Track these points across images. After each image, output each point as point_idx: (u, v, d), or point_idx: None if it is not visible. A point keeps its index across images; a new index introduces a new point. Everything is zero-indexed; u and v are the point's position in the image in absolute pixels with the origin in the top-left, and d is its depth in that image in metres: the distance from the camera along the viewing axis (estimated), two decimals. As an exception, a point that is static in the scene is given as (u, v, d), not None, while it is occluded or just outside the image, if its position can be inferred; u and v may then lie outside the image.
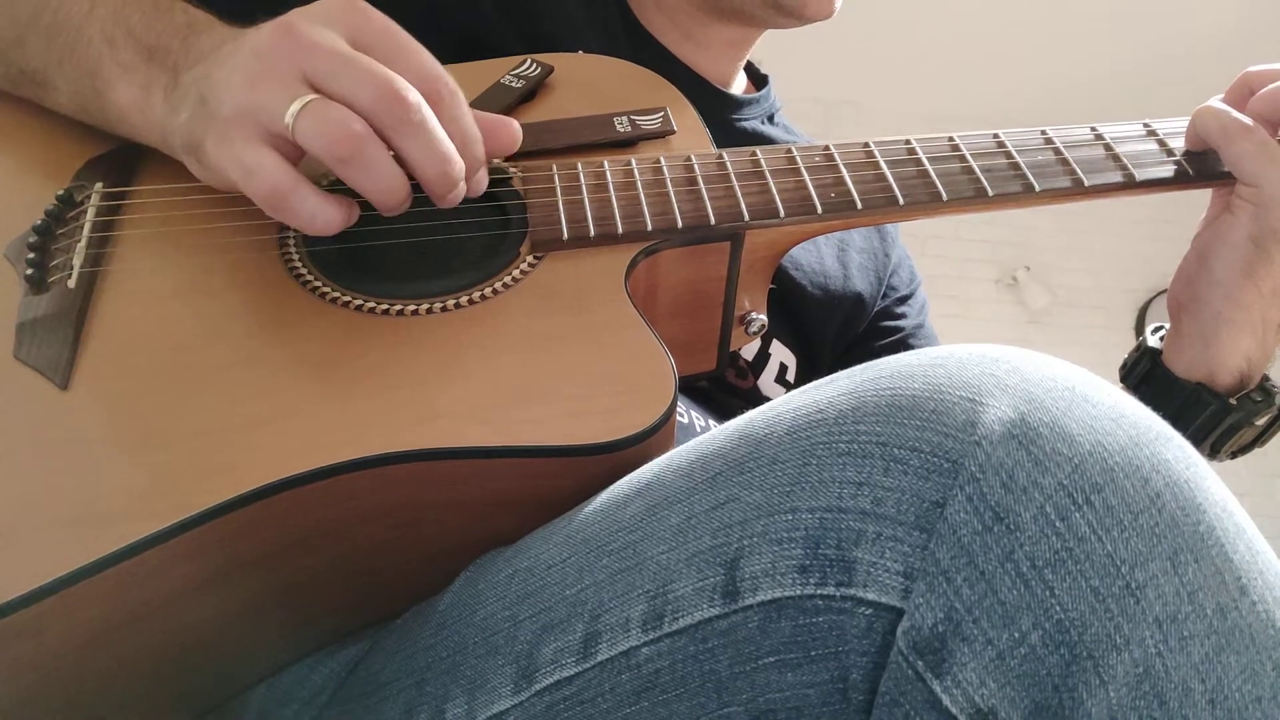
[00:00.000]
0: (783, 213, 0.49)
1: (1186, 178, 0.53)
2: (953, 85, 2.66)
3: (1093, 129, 0.54)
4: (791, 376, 0.67)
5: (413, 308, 0.44)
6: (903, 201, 0.50)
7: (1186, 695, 0.26)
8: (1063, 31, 2.39)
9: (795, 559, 0.30)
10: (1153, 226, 2.78)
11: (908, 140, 0.53)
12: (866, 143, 0.52)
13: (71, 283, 0.43)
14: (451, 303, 0.44)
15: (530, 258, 0.46)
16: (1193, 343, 0.53)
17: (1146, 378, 0.56)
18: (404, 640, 0.41)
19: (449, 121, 0.41)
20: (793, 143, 0.59)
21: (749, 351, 0.65)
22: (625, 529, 0.35)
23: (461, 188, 0.42)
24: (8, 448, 0.37)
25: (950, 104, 2.68)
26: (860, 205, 0.49)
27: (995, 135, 0.53)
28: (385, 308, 0.43)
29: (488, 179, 0.44)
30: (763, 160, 0.51)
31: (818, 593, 0.29)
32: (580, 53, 0.59)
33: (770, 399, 0.42)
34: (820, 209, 0.49)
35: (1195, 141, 0.53)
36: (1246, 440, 0.54)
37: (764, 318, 0.55)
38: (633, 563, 0.34)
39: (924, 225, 2.67)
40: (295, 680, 0.45)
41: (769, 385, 0.66)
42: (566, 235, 0.47)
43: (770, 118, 0.73)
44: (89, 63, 0.46)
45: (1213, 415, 0.53)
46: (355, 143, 0.38)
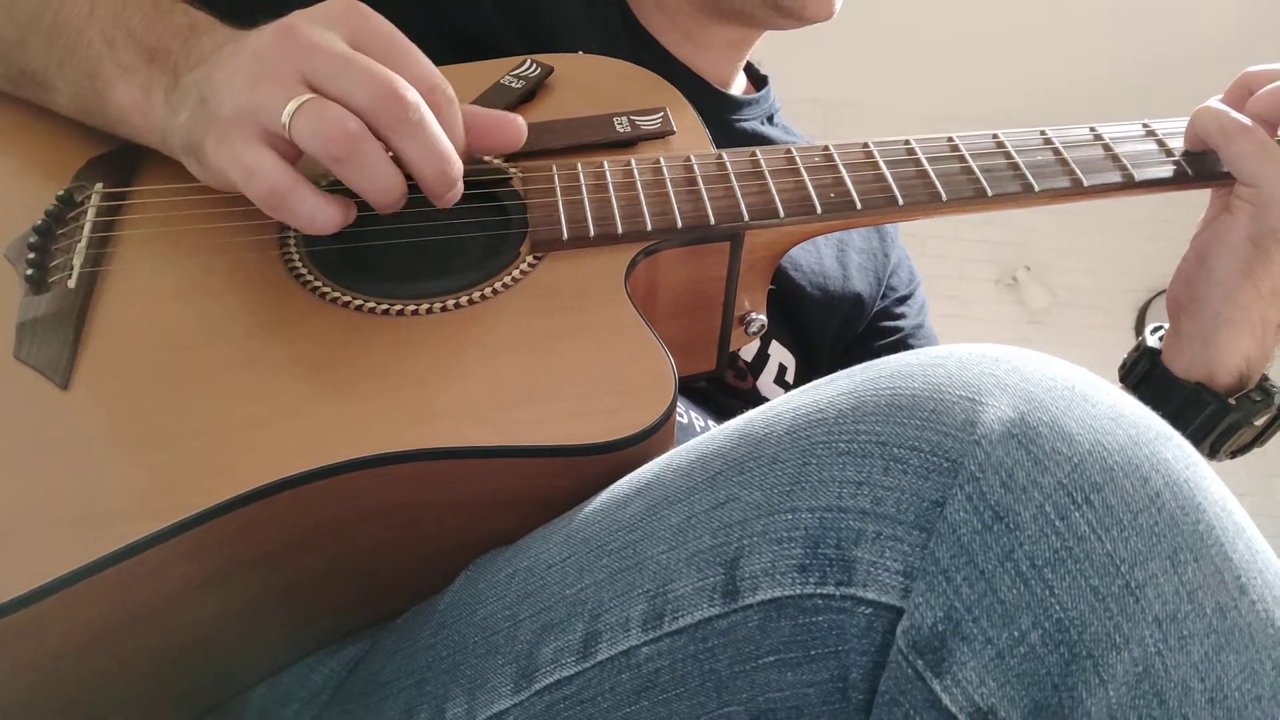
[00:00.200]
0: (782, 213, 0.49)
1: (1185, 178, 0.53)
2: (952, 85, 2.66)
3: (1092, 129, 0.54)
4: (791, 377, 0.67)
5: (413, 308, 0.44)
6: (902, 202, 0.50)
7: (1186, 694, 0.26)
8: (1063, 31, 2.39)
9: (795, 558, 0.30)
10: (1152, 226, 2.79)
11: (907, 140, 0.53)
12: (866, 143, 0.52)
13: (71, 283, 0.43)
14: (451, 303, 0.44)
15: (530, 258, 0.46)
16: (1192, 343, 0.53)
17: (1146, 377, 0.56)
18: (404, 640, 0.41)
19: (445, 128, 0.41)
20: (792, 143, 0.59)
21: (748, 352, 0.65)
22: (625, 529, 0.35)
23: (459, 187, 0.42)
24: (8, 448, 0.37)
25: (950, 104, 2.68)
26: (860, 205, 0.49)
27: (994, 135, 0.53)
28: (385, 308, 0.44)
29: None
30: (762, 160, 0.51)
31: (817, 592, 0.29)
32: (580, 53, 0.59)
33: (769, 400, 0.42)
34: (820, 209, 0.49)
35: (1194, 142, 0.53)
36: (1245, 440, 0.54)
37: (764, 318, 0.55)
38: (633, 562, 0.34)
39: (924, 225, 2.67)
40: (295, 680, 0.45)
41: (768, 386, 0.66)
42: (566, 235, 0.47)
43: (770, 118, 0.73)
44: (89, 64, 0.46)
45: (1212, 415, 0.53)
46: (351, 142, 0.38)
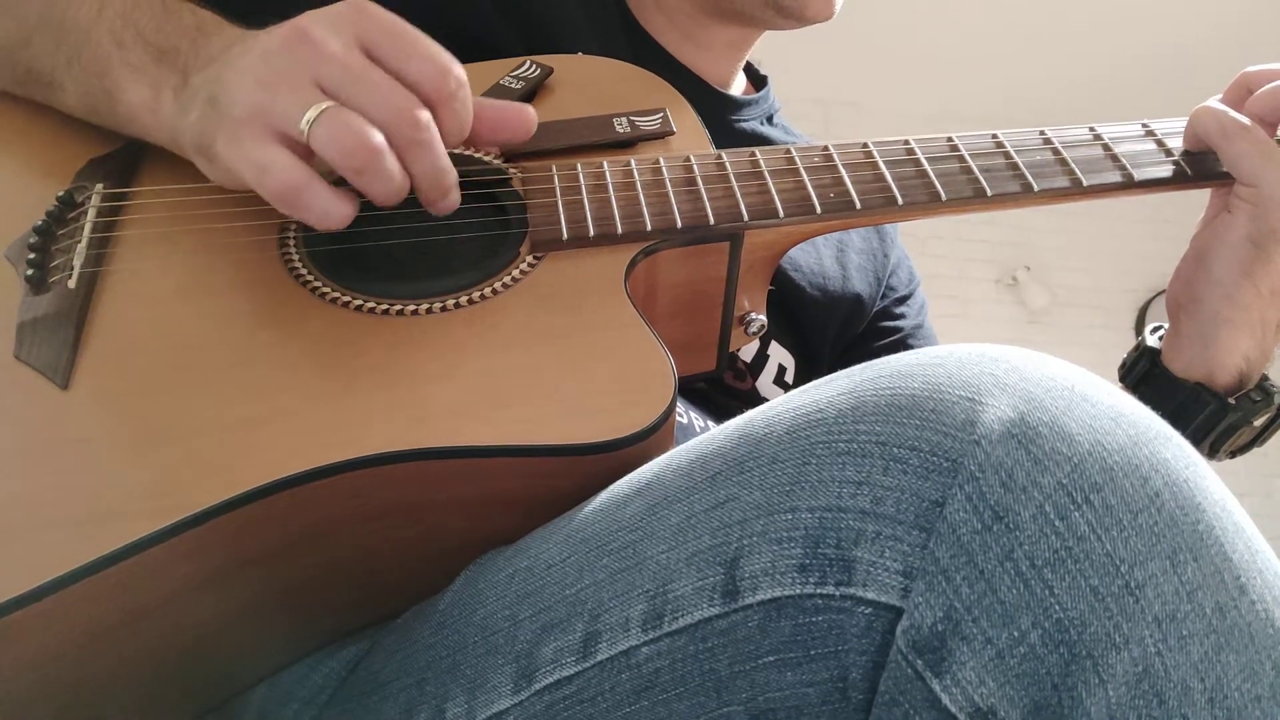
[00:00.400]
0: (782, 213, 0.49)
1: (1185, 178, 0.53)
2: (952, 85, 2.66)
3: (1091, 129, 0.54)
4: (790, 378, 0.67)
5: (413, 307, 0.44)
6: (902, 202, 0.50)
7: (1186, 694, 0.26)
8: (1063, 31, 2.39)
9: (795, 558, 0.30)
10: (1153, 226, 2.78)
11: (906, 141, 0.53)
12: (865, 143, 0.52)
13: (72, 283, 0.43)
14: (451, 302, 0.44)
15: (530, 258, 0.46)
16: (1191, 343, 0.53)
17: (1145, 377, 0.56)
18: (404, 640, 0.41)
19: (451, 116, 0.42)
20: (792, 143, 0.59)
21: (747, 353, 0.65)
22: (625, 528, 0.35)
23: (454, 196, 0.43)
24: (8, 448, 0.37)
25: (950, 104, 2.68)
26: (859, 205, 0.49)
27: (994, 135, 0.53)
28: (385, 307, 0.44)
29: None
30: (762, 161, 0.51)
31: (817, 592, 0.29)
32: (580, 54, 0.59)
33: (768, 400, 0.42)
34: (819, 209, 0.49)
35: (1194, 141, 0.53)
36: (1245, 440, 0.54)
37: (763, 318, 0.55)
38: (632, 562, 0.34)
39: (924, 225, 2.67)
40: (295, 680, 0.45)
41: (767, 386, 0.66)
42: (566, 235, 0.47)
43: (769, 118, 0.73)
44: (98, 64, 0.46)
45: (1211, 415, 0.53)
46: (373, 155, 0.39)
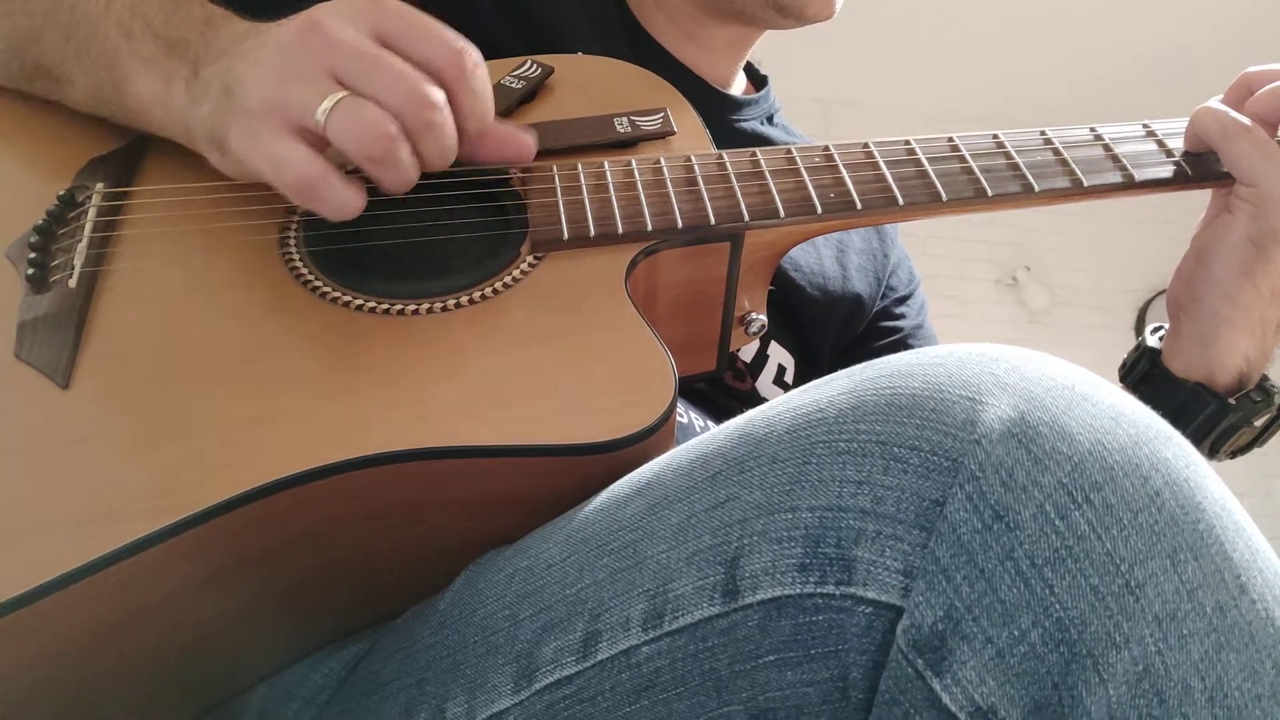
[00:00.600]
0: (782, 213, 0.49)
1: (1185, 178, 0.53)
2: (953, 85, 2.66)
3: (1092, 129, 0.54)
4: (790, 378, 0.67)
5: (413, 307, 0.44)
6: (902, 202, 0.50)
7: (1186, 693, 0.26)
8: (1063, 31, 2.39)
9: (795, 557, 0.30)
10: (1153, 226, 2.78)
11: (907, 141, 0.53)
12: (866, 143, 0.52)
13: (73, 282, 0.43)
14: (452, 302, 0.44)
15: (530, 258, 0.46)
16: (1191, 343, 0.53)
17: (1145, 377, 0.56)
18: (404, 639, 0.41)
19: (468, 94, 0.42)
20: (792, 143, 0.60)
21: (747, 353, 0.65)
22: (625, 528, 0.35)
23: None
24: (8, 447, 0.37)
25: (950, 104, 2.68)
26: (860, 206, 0.49)
27: (994, 136, 0.53)
28: (386, 307, 0.44)
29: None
30: (762, 161, 0.51)
31: (817, 591, 0.29)
32: (580, 54, 0.59)
33: (768, 401, 0.42)
34: (820, 209, 0.49)
35: (1194, 142, 0.53)
36: (1245, 440, 0.54)
37: (764, 318, 0.55)
38: (633, 562, 0.34)
39: (924, 225, 2.67)
40: (296, 679, 0.45)
41: (767, 387, 0.66)
42: (567, 235, 0.47)
43: (770, 118, 0.73)
44: (107, 57, 0.46)
45: (1211, 415, 0.52)
46: (390, 144, 0.39)
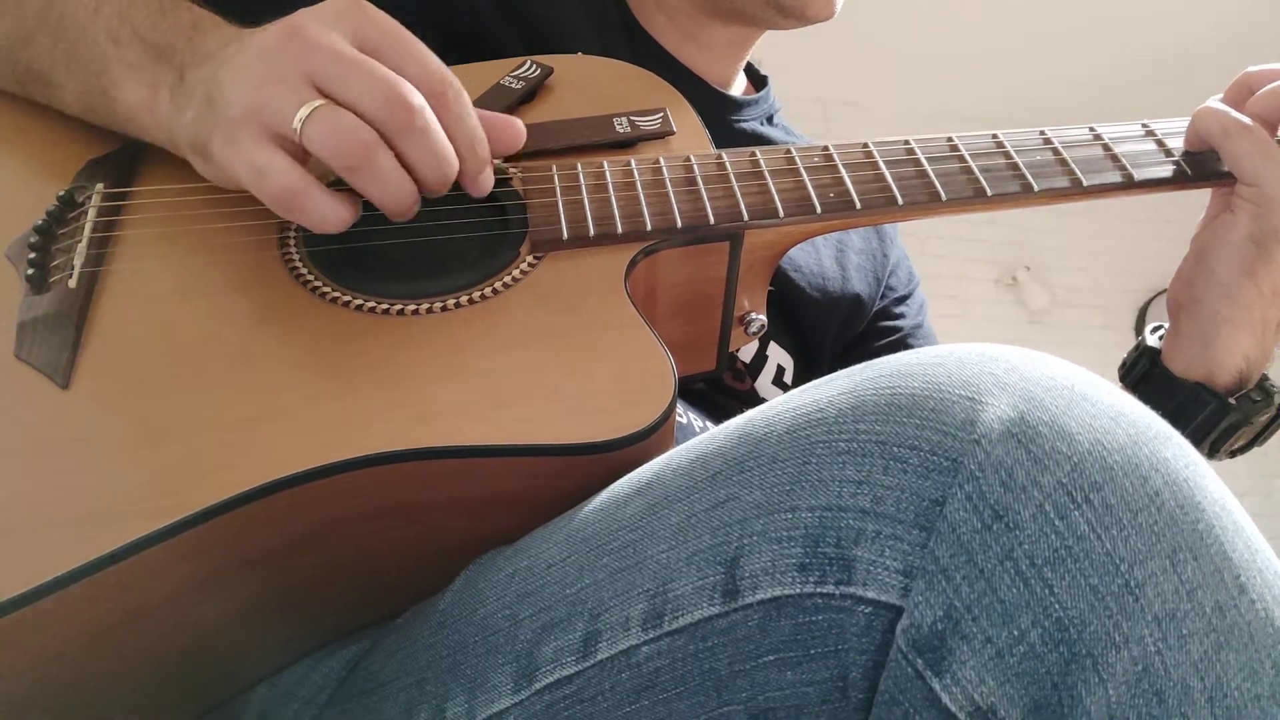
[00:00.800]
0: (782, 213, 0.49)
1: (1185, 178, 0.53)
2: (953, 85, 2.66)
3: (1091, 129, 0.54)
4: (789, 378, 0.67)
5: (413, 307, 0.44)
6: (902, 202, 0.50)
7: (1185, 693, 0.26)
8: (1063, 31, 2.39)
9: (795, 557, 0.30)
10: (1153, 226, 2.78)
11: (906, 140, 0.53)
12: (865, 143, 0.52)
13: (72, 283, 0.43)
14: (451, 302, 0.44)
15: (530, 258, 0.46)
16: (1191, 342, 0.53)
17: (1145, 377, 0.56)
18: (404, 639, 0.41)
19: (454, 120, 0.41)
20: (792, 143, 0.59)
21: (746, 353, 0.65)
22: (625, 528, 0.35)
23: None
24: (8, 447, 0.37)
25: (950, 104, 2.68)
26: (859, 205, 0.49)
27: (994, 135, 0.53)
28: (385, 307, 0.44)
29: (493, 179, 0.45)
30: (762, 161, 0.51)
31: (817, 591, 0.29)
32: (580, 54, 0.59)
33: (767, 401, 0.42)
34: (819, 209, 0.49)
35: (1195, 141, 0.53)
36: (1245, 440, 0.54)
37: (763, 318, 0.55)
38: (633, 562, 0.34)
39: (924, 225, 2.67)
40: (296, 679, 0.45)
41: (766, 387, 0.66)
42: (566, 235, 0.47)
43: (769, 118, 0.73)
44: (95, 62, 0.46)
45: (1211, 415, 0.52)
46: (365, 152, 0.38)
